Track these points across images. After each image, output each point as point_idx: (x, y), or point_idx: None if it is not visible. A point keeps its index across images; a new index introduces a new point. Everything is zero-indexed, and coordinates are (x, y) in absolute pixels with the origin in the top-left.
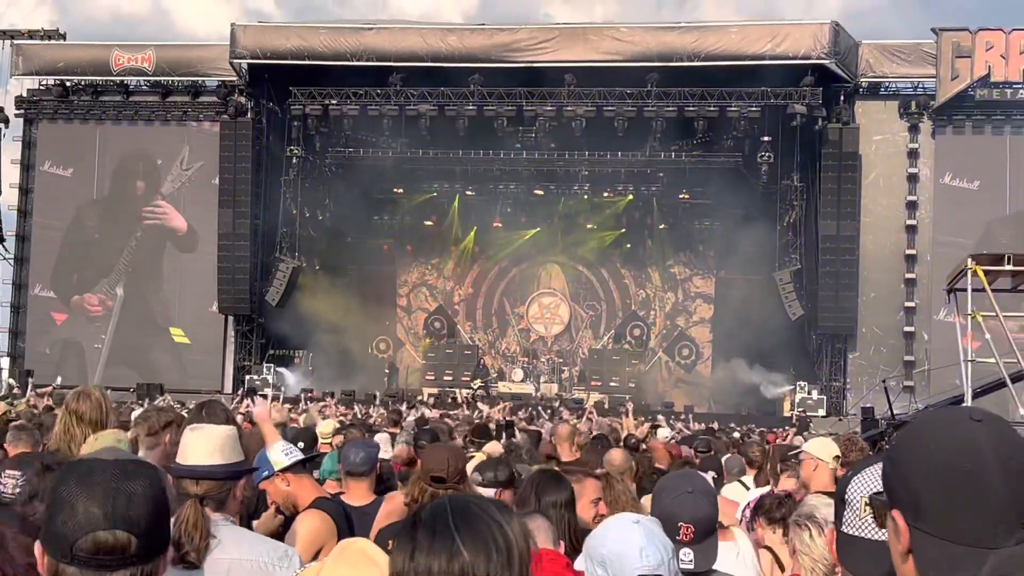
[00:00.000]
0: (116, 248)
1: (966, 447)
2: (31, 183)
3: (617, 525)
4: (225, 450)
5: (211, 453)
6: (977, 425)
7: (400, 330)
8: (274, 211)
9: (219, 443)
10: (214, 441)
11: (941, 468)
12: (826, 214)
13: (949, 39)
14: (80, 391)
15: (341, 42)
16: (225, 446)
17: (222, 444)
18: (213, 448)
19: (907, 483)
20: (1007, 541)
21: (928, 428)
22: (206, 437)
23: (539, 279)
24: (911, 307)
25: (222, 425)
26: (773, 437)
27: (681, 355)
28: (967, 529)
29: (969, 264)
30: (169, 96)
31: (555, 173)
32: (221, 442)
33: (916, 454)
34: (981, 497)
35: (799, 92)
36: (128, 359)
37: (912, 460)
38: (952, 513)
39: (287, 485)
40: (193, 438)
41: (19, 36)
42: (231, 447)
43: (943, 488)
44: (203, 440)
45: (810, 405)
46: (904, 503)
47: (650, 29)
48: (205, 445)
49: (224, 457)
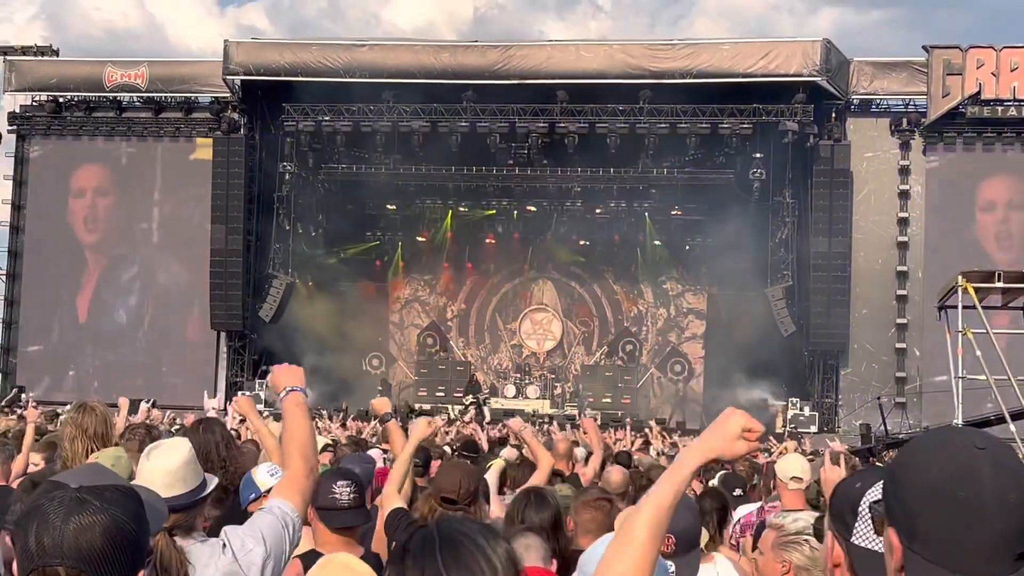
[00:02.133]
0: None
1: (964, 475)
2: (24, 199)
3: (605, 543)
4: (187, 478)
5: (172, 485)
6: (980, 453)
7: (393, 346)
8: (267, 227)
9: (180, 473)
10: (174, 472)
11: (937, 494)
12: (818, 231)
13: (940, 56)
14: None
15: (334, 58)
16: (186, 474)
17: (183, 473)
18: (174, 479)
19: (904, 504)
20: (1000, 574)
21: (930, 450)
22: (165, 468)
23: (531, 295)
24: (903, 324)
25: (179, 447)
26: (757, 455)
27: (673, 371)
28: (960, 558)
29: (960, 281)
30: (162, 112)
31: (547, 189)
32: (182, 472)
33: (915, 476)
34: (975, 528)
35: (791, 109)
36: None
37: (910, 482)
38: (946, 541)
39: None
40: (150, 468)
41: (12, 52)
42: (192, 471)
43: (938, 515)
44: (161, 471)
45: (802, 421)
46: (900, 523)
47: (643, 46)
48: (164, 477)
49: (186, 485)
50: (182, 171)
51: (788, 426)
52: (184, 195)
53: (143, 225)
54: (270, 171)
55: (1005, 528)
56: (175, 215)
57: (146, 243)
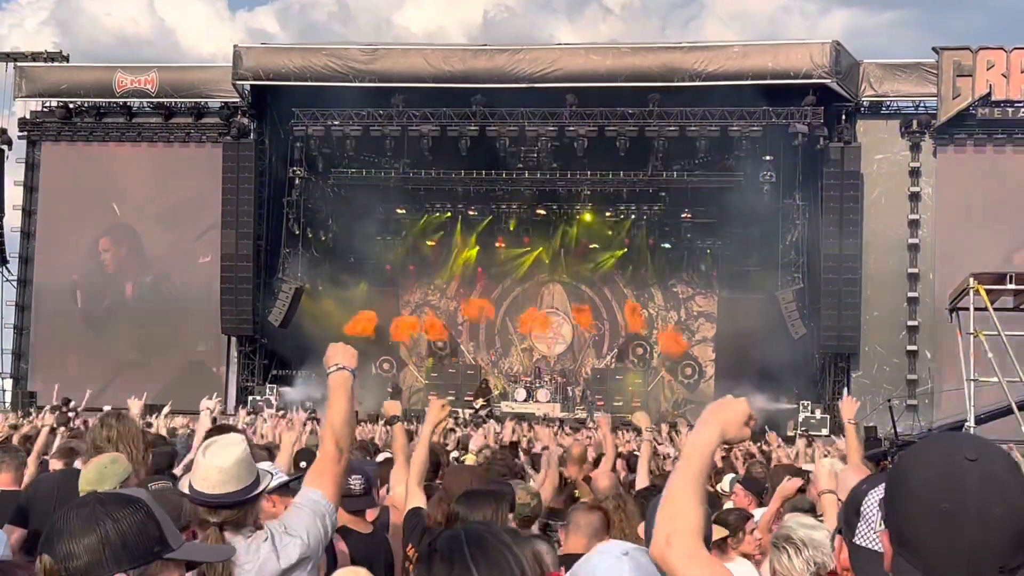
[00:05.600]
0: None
1: (949, 486)
2: (34, 204)
3: (604, 556)
4: (241, 475)
5: (225, 482)
6: (969, 465)
7: (403, 350)
8: (277, 232)
9: (234, 471)
10: (228, 470)
11: (923, 504)
12: (828, 233)
13: (950, 58)
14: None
15: (343, 63)
16: (240, 471)
17: (237, 471)
18: (228, 476)
19: (895, 510)
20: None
21: (921, 459)
22: (219, 465)
23: (542, 298)
24: (914, 326)
25: (234, 445)
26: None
27: (684, 374)
28: (942, 567)
29: (971, 283)
30: (172, 118)
31: (557, 193)
32: (236, 469)
33: (905, 484)
34: (957, 539)
35: (801, 111)
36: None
37: (901, 489)
38: (930, 550)
39: (273, 506)
40: (206, 465)
41: (23, 58)
42: (245, 469)
43: (924, 525)
44: (216, 468)
45: (813, 424)
46: (892, 527)
47: (652, 49)
48: (219, 474)
49: (239, 482)
50: (192, 175)
51: (799, 429)
52: (194, 199)
53: (153, 230)
54: (280, 176)
55: (987, 540)
56: (185, 219)
57: (156, 247)
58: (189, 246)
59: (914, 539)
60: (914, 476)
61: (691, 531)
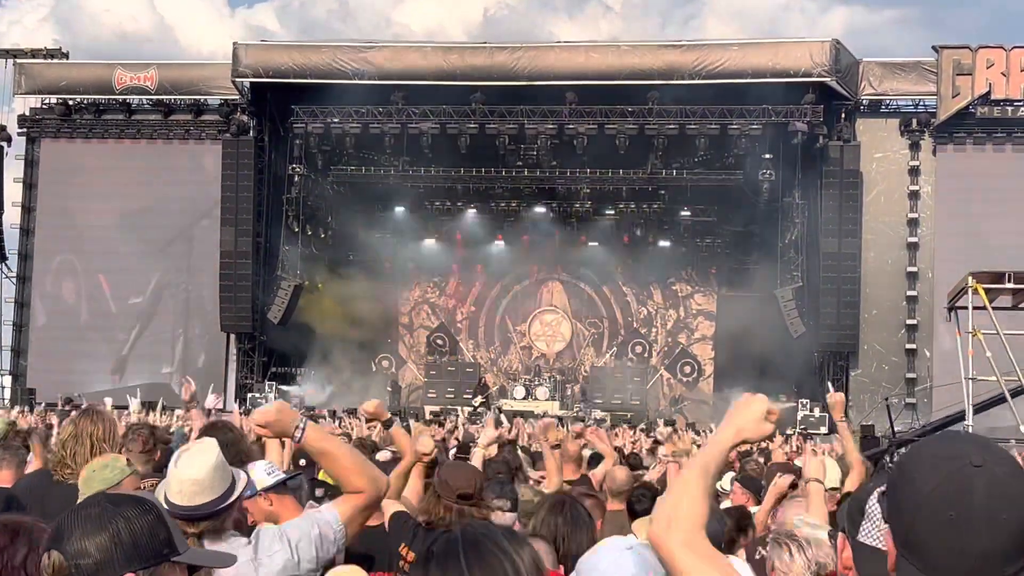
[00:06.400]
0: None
1: (957, 492)
2: (34, 201)
3: (609, 551)
4: (215, 484)
5: (199, 493)
6: (975, 471)
7: (402, 347)
8: (276, 229)
9: (207, 481)
10: (202, 480)
11: (929, 510)
12: (827, 231)
13: (950, 57)
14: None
15: (343, 60)
16: (214, 480)
17: (211, 481)
18: (202, 487)
19: (899, 512)
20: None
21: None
22: (192, 477)
23: (541, 296)
24: (913, 324)
25: (206, 452)
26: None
27: (683, 372)
28: (946, 572)
29: (970, 282)
30: (171, 115)
31: (556, 191)
32: (210, 479)
33: (909, 487)
34: (964, 545)
35: (800, 110)
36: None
37: (905, 492)
38: (935, 555)
39: (270, 505)
40: (179, 477)
41: (22, 55)
42: (220, 478)
43: (929, 529)
44: (190, 480)
45: (812, 423)
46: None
47: (652, 47)
48: (192, 486)
49: (213, 492)
50: (191, 173)
51: (798, 427)
52: (194, 197)
53: (152, 226)
54: (279, 173)
55: (994, 546)
56: (184, 217)
57: (154, 245)
58: (188, 244)
59: (919, 544)
60: (918, 483)
61: (693, 520)
